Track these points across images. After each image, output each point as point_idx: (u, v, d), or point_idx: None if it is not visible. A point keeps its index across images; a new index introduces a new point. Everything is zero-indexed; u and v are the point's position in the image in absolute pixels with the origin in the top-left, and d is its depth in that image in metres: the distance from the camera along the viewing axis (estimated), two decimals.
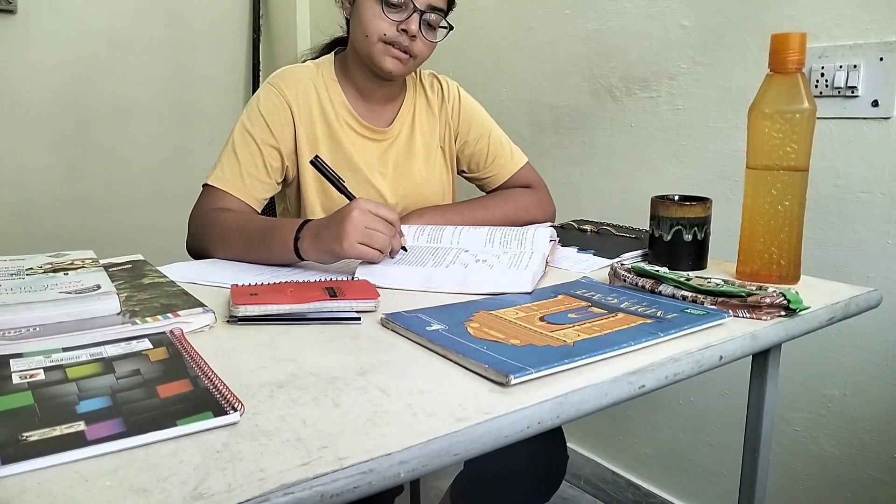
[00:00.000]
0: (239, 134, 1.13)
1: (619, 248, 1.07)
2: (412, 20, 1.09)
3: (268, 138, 1.13)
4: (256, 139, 1.12)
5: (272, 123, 1.13)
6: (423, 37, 1.12)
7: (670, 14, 1.52)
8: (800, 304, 0.76)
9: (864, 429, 1.31)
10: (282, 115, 1.14)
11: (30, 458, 0.42)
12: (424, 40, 1.13)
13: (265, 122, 1.13)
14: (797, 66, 0.86)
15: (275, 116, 1.13)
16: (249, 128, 1.13)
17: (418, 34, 1.11)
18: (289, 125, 1.15)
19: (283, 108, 1.14)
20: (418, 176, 1.26)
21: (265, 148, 1.12)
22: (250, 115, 1.14)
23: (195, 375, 0.56)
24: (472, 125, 1.30)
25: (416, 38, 1.11)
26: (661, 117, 1.57)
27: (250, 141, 1.12)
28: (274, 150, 1.13)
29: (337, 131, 1.18)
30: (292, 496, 0.41)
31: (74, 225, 2.36)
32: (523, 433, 0.53)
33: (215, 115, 2.61)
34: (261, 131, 1.12)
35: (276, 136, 1.13)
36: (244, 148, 1.12)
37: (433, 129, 1.28)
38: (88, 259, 0.86)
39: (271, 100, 1.14)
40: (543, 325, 0.70)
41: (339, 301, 0.75)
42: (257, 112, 1.13)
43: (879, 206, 1.24)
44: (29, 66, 2.23)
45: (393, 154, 1.24)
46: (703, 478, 1.61)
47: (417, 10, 1.09)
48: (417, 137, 1.26)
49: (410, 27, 1.09)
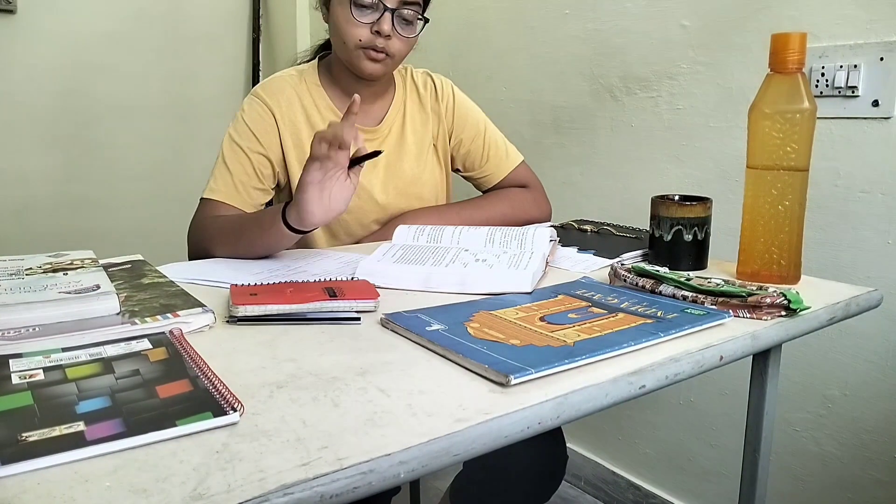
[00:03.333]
0: (227, 146, 1.15)
1: (620, 248, 1.07)
2: (384, 20, 1.09)
3: (255, 146, 1.15)
4: (244, 148, 1.14)
5: (258, 132, 1.15)
6: (399, 34, 1.12)
7: (671, 14, 1.52)
8: (800, 304, 0.76)
9: (865, 429, 1.31)
10: (266, 123, 1.16)
11: (29, 458, 0.42)
12: (400, 38, 1.13)
13: (251, 132, 1.15)
14: (797, 66, 0.86)
15: (259, 125, 1.15)
16: (237, 139, 1.15)
17: (393, 33, 1.11)
18: (274, 133, 1.16)
19: (268, 116, 1.16)
20: (409, 174, 1.26)
21: (254, 156, 1.14)
22: (236, 127, 1.16)
23: (195, 375, 0.56)
24: (467, 124, 1.31)
25: (392, 37, 1.11)
26: (661, 117, 1.57)
27: (238, 150, 1.14)
28: (263, 158, 1.15)
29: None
30: (292, 496, 0.41)
31: (74, 225, 2.36)
32: (523, 433, 0.52)
33: (215, 116, 2.61)
34: (248, 141, 1.14)
35: (264, 144, 1.15)
36: (233, 158, 1.14)
37: (425, 127, 1.29)
38: (88, 259, 0.86)
39: (255, 110, 1.16)
40: (543, 326, 0.70)
41: (339, 301, 0.75)
42: (242, 123, 1.16)
43: (880, 205, 1.24)
44: (28, 67, 2.23)
45: (384, 153, 1.24)
46: (704, 478, 1.61)
47: (388, 10, 1.09)
48: (409, 135, 1.27)
49: (383, 28, 1.09)
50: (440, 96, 1.30)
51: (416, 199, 1.27)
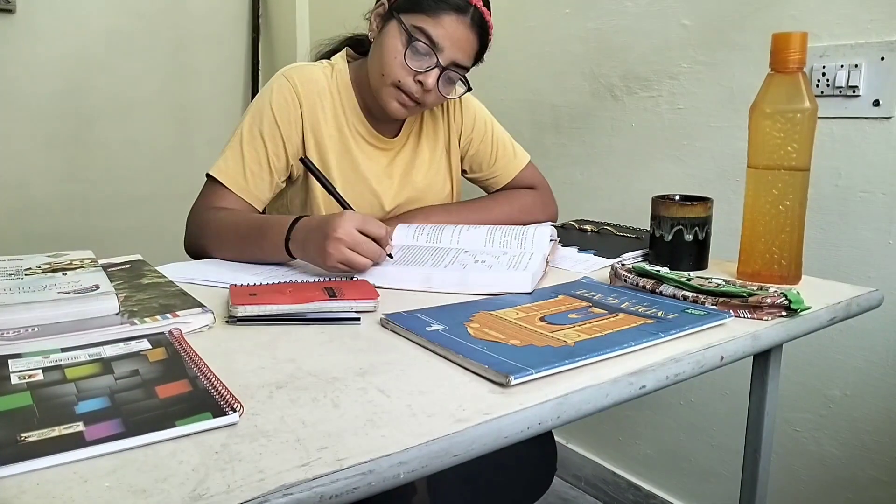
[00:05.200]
0: (247, 128, 1.10)
1: (620, 248, 1.07)
2: (431, 74, 1.05)
3: (275, 134, 1.10)
4: (263, 134, 1.10)
5: (281, 120, 1.10)
6: (439, 92, 1.09)
7: (671, 13, 1.52)
8: (801, 305, 0.76)
9: (866, 429, 1.31)
10: (292, 112, 1.11)
11: (28, 458, 0.42)
12: (438, 95, 1.10)
13: (274, 119, 1.10)
14: (798, 66, 0.86)
15: (284, 114, 1.11)
16: (259, 122, 1.10)
17: (433, 88, 1.07)
18: (297, 125, 1.12)
19: (295, 105, 1.11)
20: (421, 184, 1.25)
21: (271, 145, 1.10)
22: (261, 108, 1.11)
23: (194, 376, 0.56)
24: (476, 125, 1.30)
25: (431, 91, 1.07)
26: (661, 117, 1.57)
27: (257, 136, 1.10)
28: (280, 148, 1.11)
29: (347, 137, 1.17)
30: (291, 497, 0.41)
31: (73, 225, 2.36)
32: (524, 434, 0.52)
33: (215, 115, 2.61)
34: (269, 127, 1.10)
35: (284, 135, 1.11)
36: (250, 143, 1.10)
37: (437, 134, 1.28)
38: (87, 259, 0.86)
39: (284, 96, 1.11)
40: (544, 326, 0.70)
41: (339, 301, 0.75)
42: (268, 106, 1.11)
43: (880, 205, 1.24)
44: (28, 66, 2.23)
45: (399, 163, 1.23)
46: (704, 478, 1.61)
47: (440, 66, 1.06)
48: (423, 145, 1.25)
49: (427, 81, 1.05)
50: (448, 100, 1.28)
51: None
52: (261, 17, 2.69)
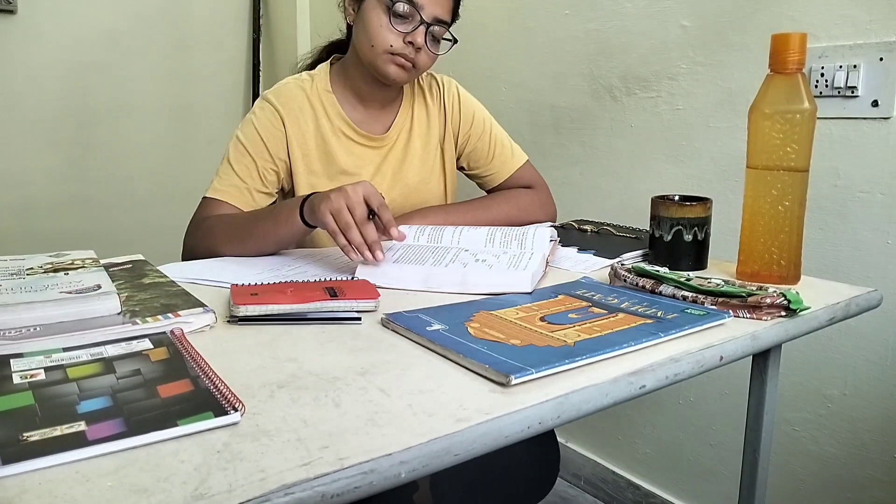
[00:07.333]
0: (234, 148, 1.15)
1: (620, 248, 1.07)
2: (418, 33, 1.11)
3: (262, 152, 1.15)
4: (251, 151, 1.14)
5: (266, 138, 1.15)
6: (428, 49, 1.14)
7: (670, 14, 1.52)
8: (800, 305, 0.76)
9: (865, 429, 1.31)
10: (275, 131, 1.16)
11: (30, 458, 0.42)
12: (429, 52, 1.14)
13: (259, 138, 1.15)
14: (797, 67, 0.86)
15: (268, 132, 1.16)
16: (244, 142, 1.15)
17: (423, 46, 1.12)
18: (282, 142, 1.17)
19: (277, 124, 1.16)
20: (414, 180, 1.26)
21: (259, 160, 1.15)
22: (245, 131, 1.16)
23: (196, 375, 0.56)
24: (473, 122, 1.31)
25: (421, 49, 1.12)
26: (661, 117, 1.57)
27: (245, 153, 1.14)
28: (268, 163, 1.16)
29: (332, 143, 1.20)
30: (293, 496, 0.41)
31: (75, 225, 2.36)
32: (524, 433, 0.53)
33: (215, 116, 2.61)
34: (255, 145, 1.15)
35: (271, 152, 1.16)
36: (239, 161, 1.14)
37: (432, 131, 1.29)
38: (89, 259, 0.86)
39: (266, 116, 1.17)
40: (544, 326, 0.70)
41: (340, 301, 0.75)
42: (252, 127, 1.16)
43: (879, 206, 1.24)
44: (29, 67, 2.23)
45: (390, 160, 1.25)
46: (704, 478, 1.61)
47: (424, 23, 1.11)
48: (416, 141, 1.27)
49: (416, 40, 1.11)
50: (445, 95, 1.30)
51: (420, 203, 1.27)
52: (261, 17, 2.69)
